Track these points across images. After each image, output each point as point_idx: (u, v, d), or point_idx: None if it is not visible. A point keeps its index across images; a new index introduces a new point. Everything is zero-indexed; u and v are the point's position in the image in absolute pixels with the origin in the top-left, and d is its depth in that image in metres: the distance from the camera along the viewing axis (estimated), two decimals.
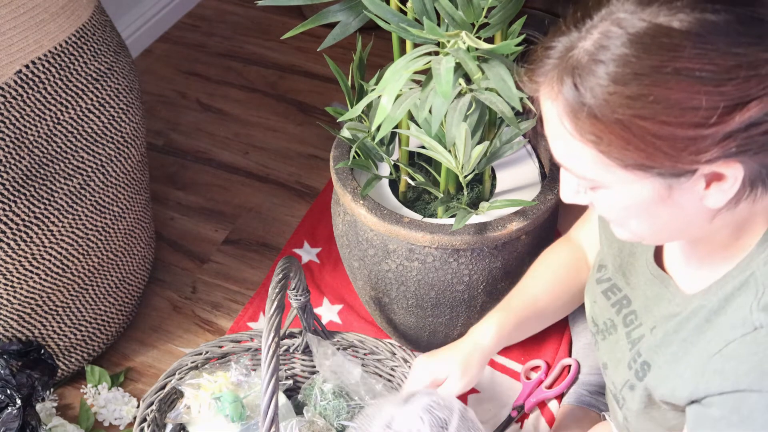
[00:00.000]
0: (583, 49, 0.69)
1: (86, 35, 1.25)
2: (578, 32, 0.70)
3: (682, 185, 0.71)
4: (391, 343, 1.28)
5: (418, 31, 1.01)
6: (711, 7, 0.66)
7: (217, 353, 1.27)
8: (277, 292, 0.98)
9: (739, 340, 0.76)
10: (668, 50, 0.66)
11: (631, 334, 0.94)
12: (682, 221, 0.76)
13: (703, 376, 0.80)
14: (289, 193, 1.87)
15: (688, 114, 0.66)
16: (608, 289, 0.99)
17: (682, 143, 0.67)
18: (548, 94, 0.73)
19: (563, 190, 0.82)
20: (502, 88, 0.97)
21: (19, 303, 1.30)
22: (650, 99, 0.66)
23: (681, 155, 0.68)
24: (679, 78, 0.65)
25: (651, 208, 0.75)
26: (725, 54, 0.65)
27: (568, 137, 0.73)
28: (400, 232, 1.21)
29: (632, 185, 0.73)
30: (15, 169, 1.18)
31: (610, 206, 0.78)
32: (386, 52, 1.24)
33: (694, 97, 0.65)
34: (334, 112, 1.27)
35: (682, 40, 0.65)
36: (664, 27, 0.66)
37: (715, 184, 0.71)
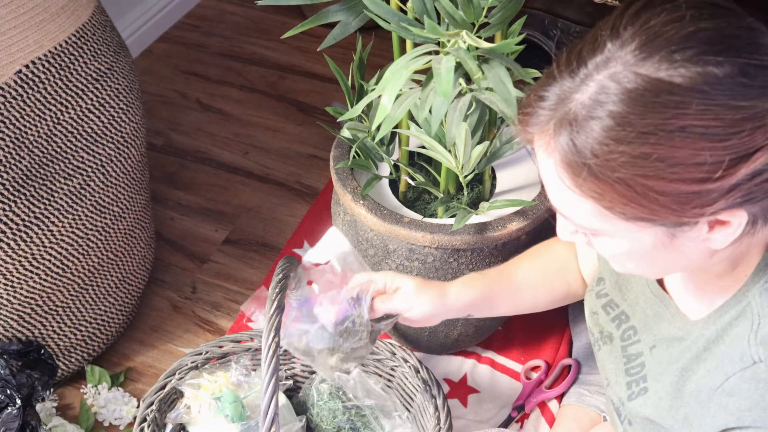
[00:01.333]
0: (579, 103, 0.66)
1: (86, 35, 1.25)
2: (572, 81, 0.67)
3: (685, 233, 0.70)
4: (391, 343, 1.28)
5: (418, 30, 1.01)
6: (714, 60, 0.63)
7: (217, 353, 1.27)
8: (277, 292, 0.98)
9: (739, 375, 0.76)
10: (672, 108, 0.63)
11: (627, 349, 0.94)
12: (682, 261, 0.75)
13: (708, 409, 0.79)
14: (289, 193, 1.87)
15: (693, 170, 0.64)
16: (607, 304, 0.99)
17: (686, 198, 0.66)
18: (543, 146, 0.70)
19: (560, 229, 0.81)
20: (501, 90, 0.96)
21: (19, 303, 1.30)
22: (653, 158, 0.64)
23: (685, 209, 0.67)
24: (683, 136, 0.63)
25: (652, 253, 0.73)
26: (730, 108, 0.63)
27: (565, 190, 0.71)
28: (400, 232, 1.21)
29: (633, 234, 0.71)
30: (15, 169, 1.18)
31: (609, 250, 0.76)
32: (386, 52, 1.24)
33: (699, 154, 0.63)
34: (334, 112, 1.27)
35: (685, 96, 0.63)
36: (666, 83, 0.63)
37: (719, 228, 0.69)
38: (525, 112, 0.71)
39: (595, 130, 0.65)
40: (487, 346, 1.51)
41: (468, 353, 1.50)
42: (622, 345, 0.95)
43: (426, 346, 1.47)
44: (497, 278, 1.11)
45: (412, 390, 1.26)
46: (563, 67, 0.69)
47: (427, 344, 1.45)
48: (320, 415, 1.26)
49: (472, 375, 1.47)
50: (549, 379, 1.42)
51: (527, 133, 0.72)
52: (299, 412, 1.29)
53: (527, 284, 1.11)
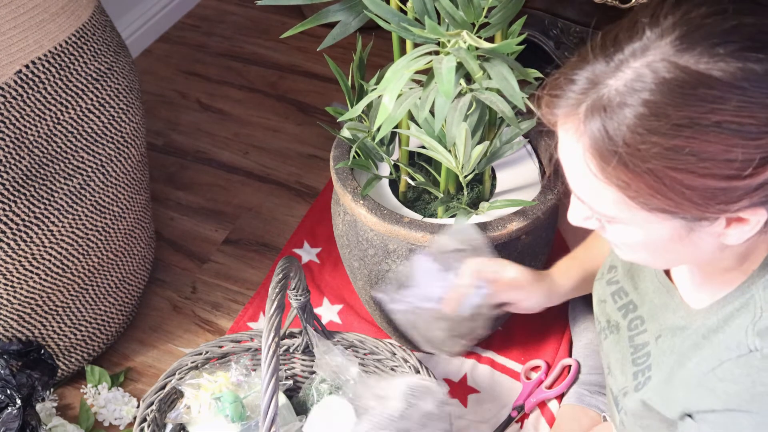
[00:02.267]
0: (614, 89, 0.65)
1: (86, 35, 1.25)
2: (606, 64, 0.67)
3: (703, 227, 0.70)
4: (392, 343, 1.28)
5: (419, 30, 1.01)
6: (754, 56, 0.62)
7: (217, 353, 1.27)
8: (278, 292, 0.98)
9: (734, 361, 0.76)
10: (709, 102, 0.62)
11: (634, 339, 0.94)
12: (693, 255, 0.75)
13: (695, 392, 0.80)
14: (289, 193, 1.87)
15: (723, 166, 0.64)
16: (616, 292, 0.99)
17: (713, 194, 0.66)
18: (571, 129, 0.69)
19: (572, 213, 0.80)
20: (505, 87, 0.96)
21: (19, 303, 1.30)
22: (686, 151, 0.64)
23: (709, 205, 0.66)
24: (718, 131, 0.63)
25: (666, 245, 0.73)
26: (766, 107, 0.62)
27: (590, 176, 0.70)
28: (400, 232, 1.21)
29: (652, 225, 0.71)
30: (15, 169, 1.18)
31: (622, 238, 0.76)
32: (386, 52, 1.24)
33: (731, 150, 0.63)
34: (334, 112, 1.27)
35: (724, 92, 0.62)
36: (705, 76, 0.62)
37: (736, 225, 0.69)
38: (553, 94, 0.70)
39: (629, 118, 0.65)
40: (487, 346, 1.51)
41: (468, 353, 1.50)
42: (629, 335, 0.95)
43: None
44: (587, 257, 1.13)
45: None
46: (597, 51, 0.68)
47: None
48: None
49: (472, 375, 1.47)
50: (549, 379, 1.42)
51: (553, 115, 0.71)
52: (299, 412, 1.30)
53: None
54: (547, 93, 0.71)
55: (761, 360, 0.74)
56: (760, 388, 0.73)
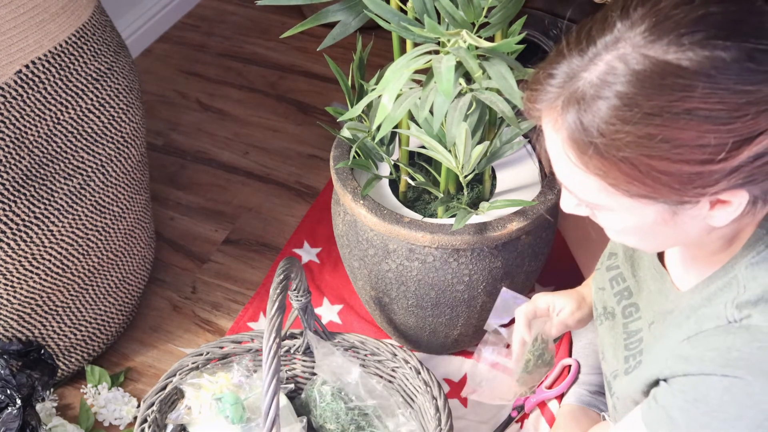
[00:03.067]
0: (588, 82, 0.68)
1: (86, 35, 1.25)
2: (581, 59, 0.68)
3: (687, 210, 0.72)
4: (392, 344, 1.28)
5: (419, 29, 1.01)
6: (722, 44, 0.63)
7: (217, 354, 1.27)
8: (279, 293, 0.98)
9: (712, 330, 0.78)
10: (678, 90, 0.64)
11: (628, 326, 0.96)
12: (681, 237, 0.77)
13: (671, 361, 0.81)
14: (289, 193, 1.87)
15: (696, 152, 0.65)
16: (614, 277, 1.01)
17: (689, 179, 0.67)
18: (550, 122, 0.72)
19: (564, 202, 0.82)
20: (504, 86, 0.97)
21: (19, 303, 1.30)
22: (658, 138, 0.65)
23: (687, 189, 0.68)
24: (688, 118, 0.64)
25: (653, 228, 0.75)
26: (735, 92, 0.64)
27: (571, 166, 0.72)
28: (400, 232, 1.21)
29: (636, 210, 0.73)
30: (15, 169, 1.18)
31: (612, 224, 0.78)
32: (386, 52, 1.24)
33: (703, 136, 0.65)
34: (334, 112, 1.27)
35: (692, 80, 0.64)
36: (673, 65, 0.64)
37: (720, 207, 0.71)
38: (534, 89, 0.72)
39: (602, 110, 0.67)
40: None
41: (468, 353, 1.50)
42: (624, 322, 0.97)
43: (426, 347, 1.47)
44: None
45: (413, 391, 1.26)
46: (573, 46, 0.70)
47: (428, 344, 1.45)
48: (323, 417, 1.26)
49: (473, 375, 1.47)
50: (549, 379, 1.42)
51: (535, 109, 0.73)
52: (301, 413, 1.30)
53: None
54: (529, 88, 0.73)
55: (738, 329, 0.75)
56: (735, 354, 0.74)
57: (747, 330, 0.75)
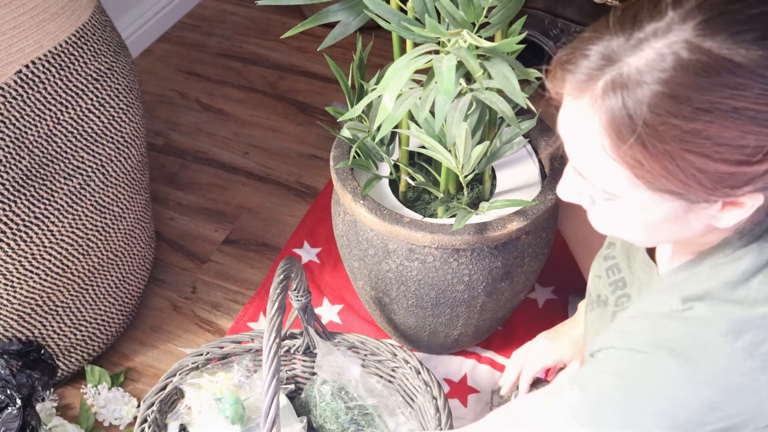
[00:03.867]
0: (634, 68, 0.66)
1: (86, 35, 1.25)
2: (625, 42, 0.67)
3: (701, 209, 0.71)
4: (392, 344, 1.28)
5: (419, 29, 1.01)
6: None
7: (217, 354, 1.27)
8: (279, 293, 0.98)
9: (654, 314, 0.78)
10: (730, 87, 0.63)
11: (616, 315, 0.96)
12: (680, 234, 0.76)
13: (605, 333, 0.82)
14: (289, 193, 1.87)
15: (735, 152, 0.65)
16: (611, 267, 1.01)
17: (722, 178, 0.67)
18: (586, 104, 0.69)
19: (564, 187, 0.80)
20: (506, 86, 0.96)
21: (19, 303, 1.30)
22: (703, 135, 0.65)
23: (717, 188, 0.68)
24: (736, 117, 0.64)
25: (658, 224, 0.74)
26: None
27: (601, 152, 0.70)
28: (400, 232, 1.21)
29: (652, 204, 0.72)
30: (15, 169, 1.18)
31: (616, 215, 0.76)
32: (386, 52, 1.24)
33: (745, 137, 0.64)
34: (334, 112, 1.27)
35: (746, 78, 0.63)
36: (728, 61, 0.63)
37: (730, 209, 0.71)
38: (566, 68, 0.70)
39: (650, 98, 0.65)
40: (487, 346, 1.51)
41: (468, 353, 1.50)
42: (614, 310, 0.97)
43: (426, 347, 1.47)
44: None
45: (413, 391, 1.26)
46: (615, 27, 0.68)
47: (428, 345, 1.45)
48: (323, 416, 1.26)
49: (472, 375, 1.47)
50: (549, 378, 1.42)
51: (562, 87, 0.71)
52: (301, 413, 1.30)
53: None
54: (559, 65, 0.71)
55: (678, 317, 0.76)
56: (662, 334, 0.75)
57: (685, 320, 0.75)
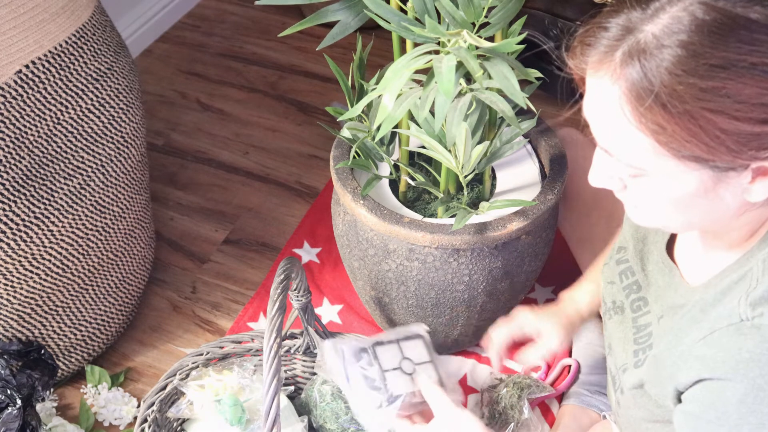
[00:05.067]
0: (651, 34, 0.67)
1: (86, 35, 1.25)
2: (642, 12, 0.68)
3: (730, 179, 0.70)
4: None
5: (419, 29, 1.01)
6: None
7: (217, 354, 1.27)
8: (279, 293, 0.98)
9: (724, 330, 0.77)
10: (747, 44, 0.64)
11: (637, 320, 0.95)
12: (714, 214, 0.75)
13: (686, 362, 0.80)
14: (289, 193, 1.87)
15: (758, 110, 0.65)
16: (623, 271, 1.00)
17: (746, 139, 0.66)
18: (606, 75, 0.70)
19: (595, 173, 0.79)
20: (506, 86, 0.96)
21: (19, 303, 1.30)
22: (722, 92, 0.65)
23: (743, 150, 0.67)
24: (753, 73, 0.64)
25: (690, 200, 0.73)
26: None
27: (623, 122, 0.70)
28: (400, 232, 1.21)
29: (680, 176, 0.71)
30: (15, 169, 1.18)
31: (647, 194, 0.75)
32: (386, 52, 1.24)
33: (766, 94, 0.64)
34: (334, 112, 1.27)
35: (762, 34, 0.64)
36: (743, 18, 0.64)
37: (761, 180, 0.70)
38: (586, 42, 0.71)
39: (667, 59, 0.66)
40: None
41: (468, 353, 1.50)
42: (633, 316, 0.96)
43: None
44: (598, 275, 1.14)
45: None
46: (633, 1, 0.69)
47: None
48: (324, 416, 1.26)
49: (472, 375, 1.47)
50: (549, 379, 1.42)
51: (585, 63, 0.71)
52: (300, 413, 1.29)
53: None
54: (580, 41, 0.72)
55: (750, 328, 0.74)
56: (746, 355, 0.74)
57: (758, 330, 0.74)
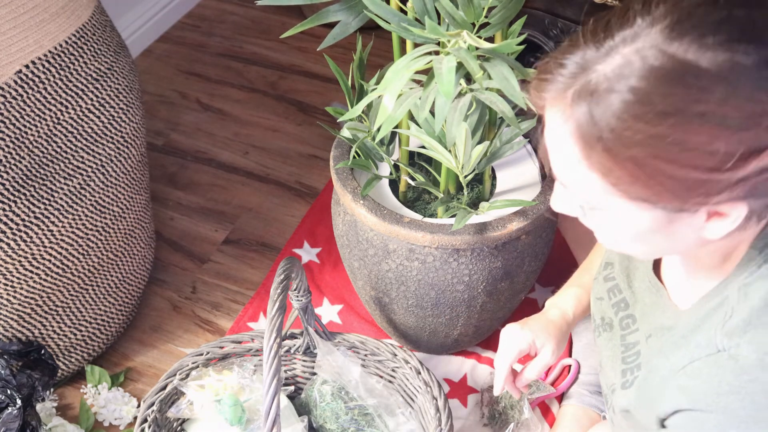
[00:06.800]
0: (602, 74, 0.65)
1: (86, 35, 1.25)
2: (596, 50, 0.67)
3: (683, 219, 0.70)
4: (392, 344, 1.28)
5: (419, 30, 1.01)
6: (743, 48, 0.62)
7: (217, 354, 1.27)
8: (279, 293, 0.98)
9: (703, 360, 0.76)
10: (695, 91, 0.62)
11: (626, 338, 0.94)
12: (673, 246, 0.75)
13: (667, 391, 0.80)
14: (289, 193, 1.87)
15: (705, 158, 0.64)
16: (611, 288, 0.99)
17: (694, 185, 0.66)
18: (558, 113, 0.69)
19: (555, 199, 0.80)
20: (506, 87, 0.96)
21: (19, 303, 1.30)
22: (669, 140, 0.64)
23: (690, 196, 0.66)
24: (701, 121, 0.63)
25: (646, 235, 0.73)
26: (751, 100, 0.62)
27: (575, 161, 0.70)
28: (400, 232, 1.21)
29: (633, 213, 0.71)
30: (15, 169, 1.18)
31: (604, 226, 0.76)
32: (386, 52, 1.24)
33: (714, 142, 0.63)
34: (334, 112, 1.27)
35: (711, 82, 0.62)
36: (693, 65, 0.62)
37: (716, 219, 0.69)
38: (542, 78, 0.70)
39: (615, 104, 0.65)
40: (487, 346, 1.51)
41: (468, 353, 1.50)
42: (622, 333, 0.95)
43: (426, 347, 1.47)
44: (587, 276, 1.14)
45: (413, 391, 1.26)
46: (589, 37, 0.68)
47: (428, 344, 1.45)
48: (323, 416, 1.26)
49: (472, 375, 1.47)
50: (549, 379, 1.42)
51: (541, 99, 0.71)
52: (301, 413, 1.30)
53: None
54: (537, 77, 0.71)
55: (727, 360, 0.74)
56: (725, 387, 0.74)
57: (736, 361, 0.74)
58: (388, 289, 1.31)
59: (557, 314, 1.13)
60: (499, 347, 1.14)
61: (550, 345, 1.10)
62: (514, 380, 1.16)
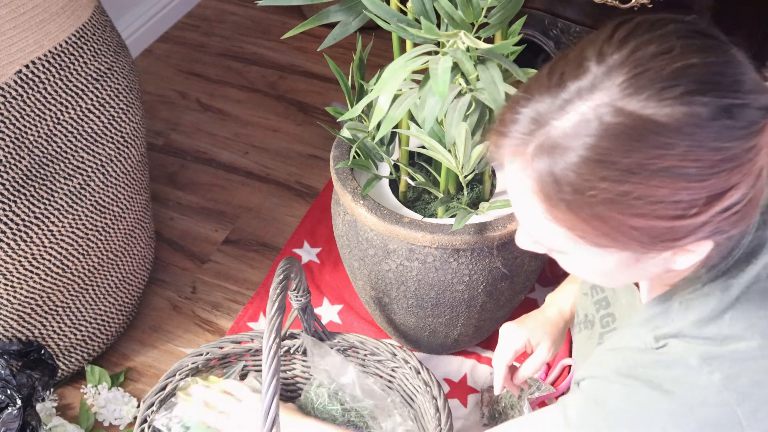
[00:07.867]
0: (561, 131, 0.64)
1: (86, 35, 1.25)
2: (551, 103, 0.65)
3: (651, 258, 0.71)
4: (392, 344, 1.28)
5: (416, 31, 1.01)
6: (700, 100, 0.62)
7: (217, 354, 1.27)
8: (279, 293, 0.98)
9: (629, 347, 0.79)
10: (656, 147, 0.62)
11: (603, 336, 0.96)
12: (641, 276, 0.77)
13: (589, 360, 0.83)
14: (289, 193, 1.87)
15: (669, 208, 0.64)
16: (594, 286, 1.00)
17: (660, 234, 0.66)
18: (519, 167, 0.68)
19: (520, 237, 0.80)
20: (491, 91, 0.96)
21: (19, 303, 1.30)
22: (633, 196, 0.64)
23: (655, 243, 0.67)
24: (664, 176, 0.63)
25: (613, 271, 0.74)
26: (712, 150, 0.62)
27: (536, 213, 0.70)
28: (400, 232, 1.21)
29: (599, 257, 0.71)
30: (15, 169, 1.18)
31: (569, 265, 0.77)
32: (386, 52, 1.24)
33: (677, 193, 0.63)
34: (334, 112, 1.27)
35: (671, 137, 0.62)
36: (652, 122, 0.62)
37: (683, 254, 0.70)
38: (500, 132, 0.69)
39: (576, 163, 0.64)
40: (487, 346, 1.51)
41: (468, 353, 1.50)
42: (601, 332, 0.97)
43: (426, 347, 1.47)
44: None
45: (412, 391, 1.26)
46: (543, 86, 0.67)
47: (428, 344, 1.45)
48: (321, 418, 1.26)
49: (472, 375, 1.47)
50: (549, 378, 1.42)
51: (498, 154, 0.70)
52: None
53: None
54: (495, 130, 0.70)
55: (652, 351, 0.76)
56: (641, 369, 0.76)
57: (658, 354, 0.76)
58: (388, 289, 1.31)
59: (555, 311, 1.13)
60: (497, 346, 1.15)
61: (545, 343, 1.11)
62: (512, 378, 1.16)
